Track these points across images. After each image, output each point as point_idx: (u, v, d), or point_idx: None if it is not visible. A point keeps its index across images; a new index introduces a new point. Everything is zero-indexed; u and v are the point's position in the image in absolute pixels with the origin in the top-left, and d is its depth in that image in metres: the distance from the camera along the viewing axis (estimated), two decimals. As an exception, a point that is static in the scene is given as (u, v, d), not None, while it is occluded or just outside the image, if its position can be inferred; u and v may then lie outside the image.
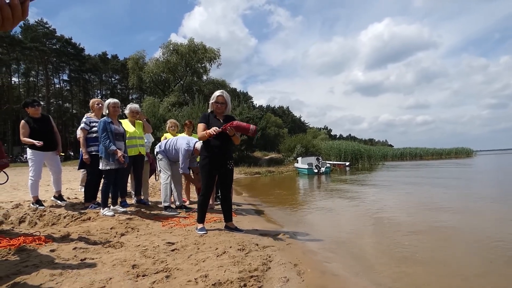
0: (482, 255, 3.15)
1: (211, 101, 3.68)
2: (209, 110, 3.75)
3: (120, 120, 4.81)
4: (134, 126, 5.19)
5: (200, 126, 3.60)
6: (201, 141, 3.69)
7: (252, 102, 53.75)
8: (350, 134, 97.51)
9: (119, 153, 4.23)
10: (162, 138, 5.95)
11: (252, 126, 3.54)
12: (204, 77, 38.55)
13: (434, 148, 53.55)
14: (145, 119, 5.46)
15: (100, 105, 4.99)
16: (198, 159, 5.17)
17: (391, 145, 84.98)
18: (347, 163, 25.19)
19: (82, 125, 4.74)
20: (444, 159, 43.29)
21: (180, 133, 6.31)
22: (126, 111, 5.20)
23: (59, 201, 4.93)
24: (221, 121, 3.67)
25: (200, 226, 3.65)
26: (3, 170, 2.95)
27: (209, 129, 3.54)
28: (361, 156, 29.48)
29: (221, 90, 3.74)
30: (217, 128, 3.45)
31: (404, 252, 3.25)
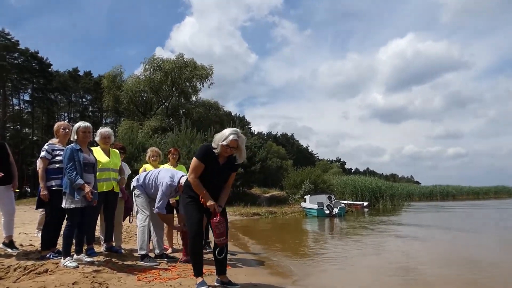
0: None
1: (220, 142, 3.46)
2: (213, 146, 3.52)
3: (91, 148, 4.79)
4: (108, 155, 5.16)
5: (195, 163, 3.47)
6: (185, 176, 3.63)
7: (249, 128, 54.24)
8: (368, 168, 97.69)
9: (87, 188, 4.16)
10: (141, 169, 5.91)
11: (221, 240, 3.53)
12: (193, 98, 39.29)
13: (470, 186, 53.52)
14: (119, 147, 5.47)
15: (67, 130, 4.96)
16: None
17: (417, 182, 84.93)
18: (365, 203, 25.00)
19: (42, 153, 4.68)
20: (481, 200, 43.08)
21: (163, 164, 6.28)
22: (97, 138, 5.19)
23: (9, 249, 4.78)
24: (220, 164, 3.55)
25: (199, 280, 3.50)
26: None
27: (207, 170, 3.49)
28: (381, 195, 29.30)
29: (235, 130, 3.52)
30: (218, 207, 3.44)
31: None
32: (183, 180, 4.50)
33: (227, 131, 3.49)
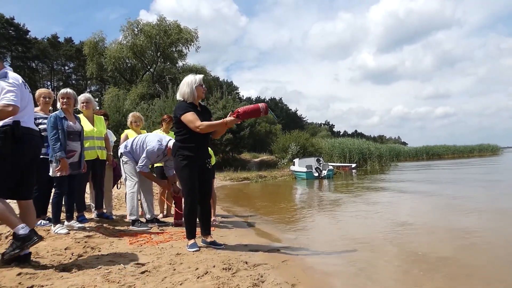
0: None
1: (194, 85, 3.64)
2: (187, 99, 3.67)
3: (78, 116, 4.71)
4: (92, 123, 5.09)
5: (191, 115, 3.51)
6: (173, 140, 3.67)
7: (238, 93, 53.55)
8: (356, 131, 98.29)
9: (63, 166, 4.07)
10: (123, 135, 5.86)
11: (261, 105, 3.50)
12: (180, 63, 38.39)
13: (454, 146, 54.79)
14: (101, 114, 5.42)
15: (47, 99, 4.84)
16: None
17: (404, 143, 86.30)
18: (353, 165, 25.42)
19: (25, 122, 4.61)
20: (466, 158, 44.25)
21: (150, 130, 6.24)
22: (77, 106, 5.10)
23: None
24: (200, 110, 3.69)
25: (191, 242, 3.64)
26: None
27: None
28: (370, 156, 29.79)
29: (194, 74, 3.78)
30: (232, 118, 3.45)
31: (424, 266, 3.27)
32: (171, 144, 4.51)
33: (191, 76, 3.70)
